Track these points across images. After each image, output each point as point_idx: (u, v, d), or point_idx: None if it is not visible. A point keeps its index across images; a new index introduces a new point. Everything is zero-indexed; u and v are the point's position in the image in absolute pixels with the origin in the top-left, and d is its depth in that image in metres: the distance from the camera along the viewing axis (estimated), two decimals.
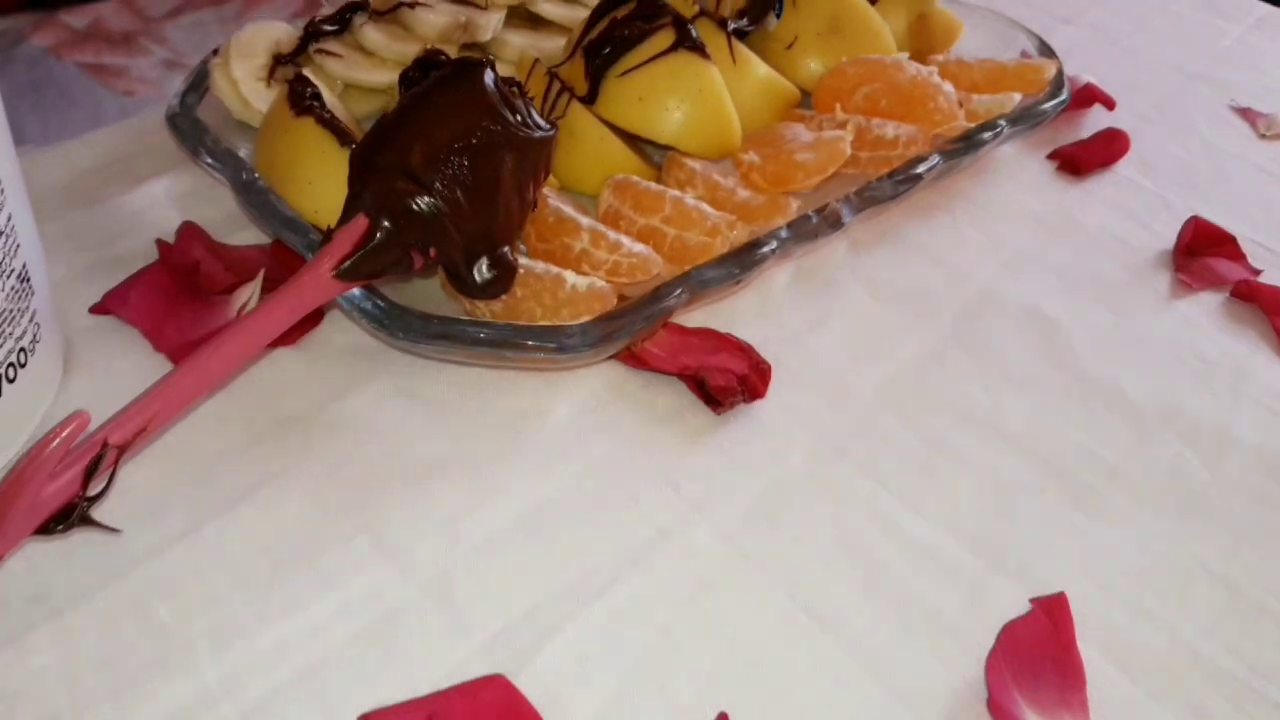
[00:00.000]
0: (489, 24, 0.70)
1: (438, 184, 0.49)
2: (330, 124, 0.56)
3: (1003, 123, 0.69)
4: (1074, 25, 0.93)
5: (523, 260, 0.53)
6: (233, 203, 0.61)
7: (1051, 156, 0.75)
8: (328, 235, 0.50)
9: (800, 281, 0.62)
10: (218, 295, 0.55)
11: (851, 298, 0.62)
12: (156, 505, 0.47)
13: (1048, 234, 0.69)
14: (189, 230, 0.59)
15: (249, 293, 0.55)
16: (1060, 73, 0.73)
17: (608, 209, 0.60)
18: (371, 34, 0.67)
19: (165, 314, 0.54)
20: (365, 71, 0.67)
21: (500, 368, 0.54)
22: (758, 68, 0.69)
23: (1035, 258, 0.66)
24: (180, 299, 0.55)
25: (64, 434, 0.42)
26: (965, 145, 0.67)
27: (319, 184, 0.56)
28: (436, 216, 0.49)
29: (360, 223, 0.49)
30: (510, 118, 0.51)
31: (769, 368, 0.55)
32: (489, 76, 0.52)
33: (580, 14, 0.75)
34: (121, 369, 0.53)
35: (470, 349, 0.50)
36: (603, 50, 0.64)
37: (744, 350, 0.56)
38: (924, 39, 0.76)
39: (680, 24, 0.63)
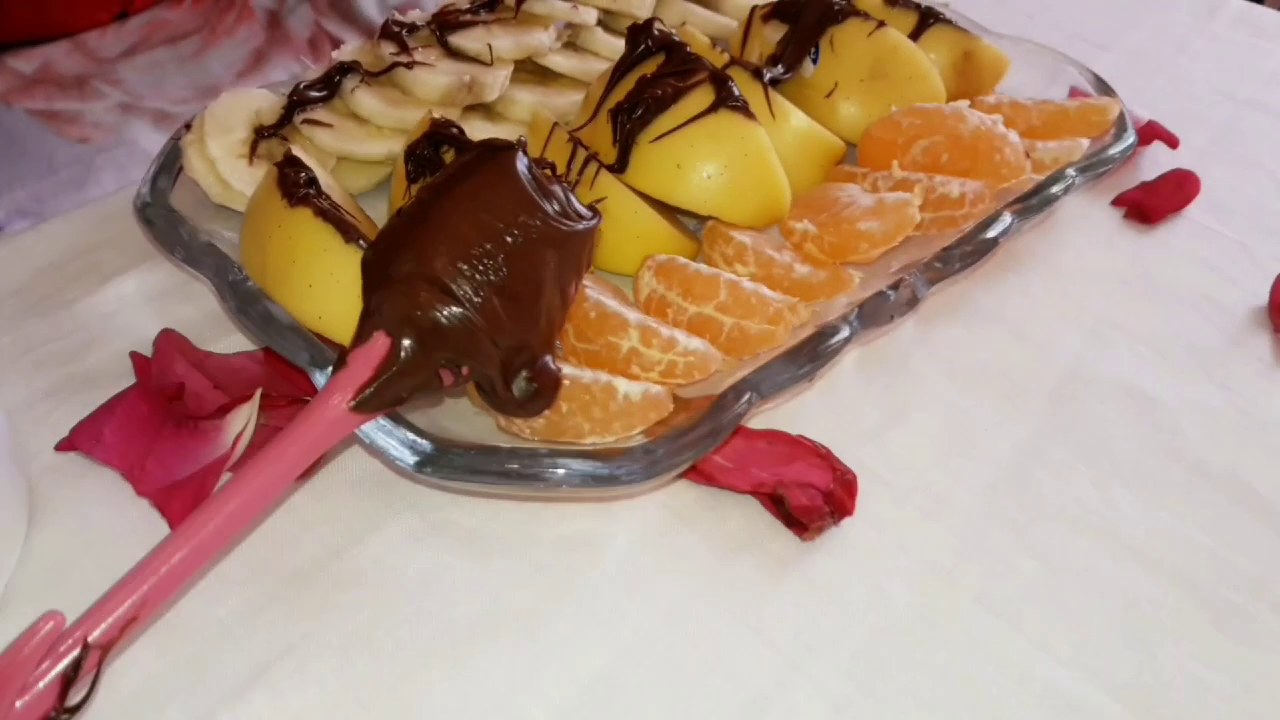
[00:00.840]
0: (495, 82, 0.62)
1: (469, 292, 0.41)
2: (331, 215, 0.48)
3: (1072, 173, 0.62)
4: (1112, 51, 0.87)
5: (566, 369, 0.46)
6: (215, 300, 0.53)
7: (1117, 203, 0.69)
8: (341, 358, 0.42)
9: (869, 365, 0.55)
10: (207, 421, 0.47)
11: (929, 383, 0.55)
12: (150, 701, 0.39)
13: (1128, 294, 0.62)
14: (168, 340, 0.51)
15: (244, 418, 0.47)
16: (1123, 113, 0.67)
17: (651, 295, 0.52)
18: (365, 99, 0.59)
19: (146, 449, 0.46)
20: (360, 143, 0.59)
21: (547, 500, 0.47)
22: (798, 120, 0.62)
23: (1120, 324, 0.60)
24: (163, 430, 0.47)
25: (34, 641, 0.34)
26: (1037, 201, 0.60)
27: (322, 287, 0.48)
28: (469, 330, 0.42)
29: (380, 343, 0.41)
30: (548, 208, 0.44)
31: (854, 478, 0.48)
32: (522, 161, 0.44)
33: (593, 66, 0.68)
34: (98, 520, 0.44)
35: (513, 485, 0.42)
36: (633, 112, 0.56)
37: (823, 457, 0.48)
38: (970, 78, 0.69)
39: (719, 80, 0.56)
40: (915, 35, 0.69)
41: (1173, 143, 0.74)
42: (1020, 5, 0.92)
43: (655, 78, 0.57)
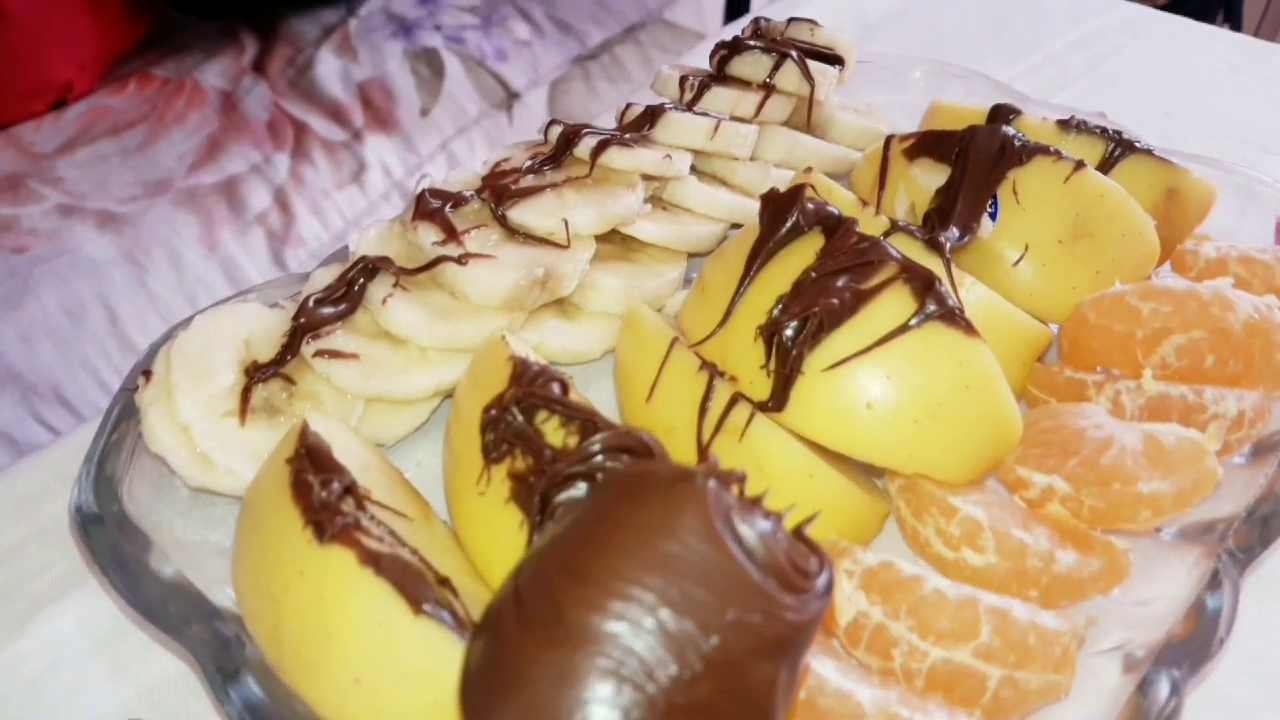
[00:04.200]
0: (575, 270, 0.45)
1: None
2: (388, 563, 0.31)
3: None
4: (1277, 155, 0.72)
5: None
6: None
7: None
8: None
9: None
10: None
11: (1253, 715, 0.38)
12: None
13: None
14: None
15: None
16: None
17: (860, 621, 0.35)
18: (402, 313, 0.42)
19: None
20: (398, 376, 0.42)
21: None
22: (995, 305, 0.45)
23: None
24: None
25: None
26: None
27: (374, 682, 0.30)
28: None
29: None
30: (762, 578, 0.26)
31: None
32: (720, 500, 0.27)
33: (690, 231, 0.51)
34: None
35: None
36: (799, 329, 0.39)
37: None
38: (1174, 221, 0.53)
39: (919, 278, 0.39)
40: (1106, 168, 0.53)
41: None
42: (1156, 102, 0.76)
43: (823, 275, 0.40)
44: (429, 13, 1.78)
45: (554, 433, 0.35)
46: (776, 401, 0.39)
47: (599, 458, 0.33)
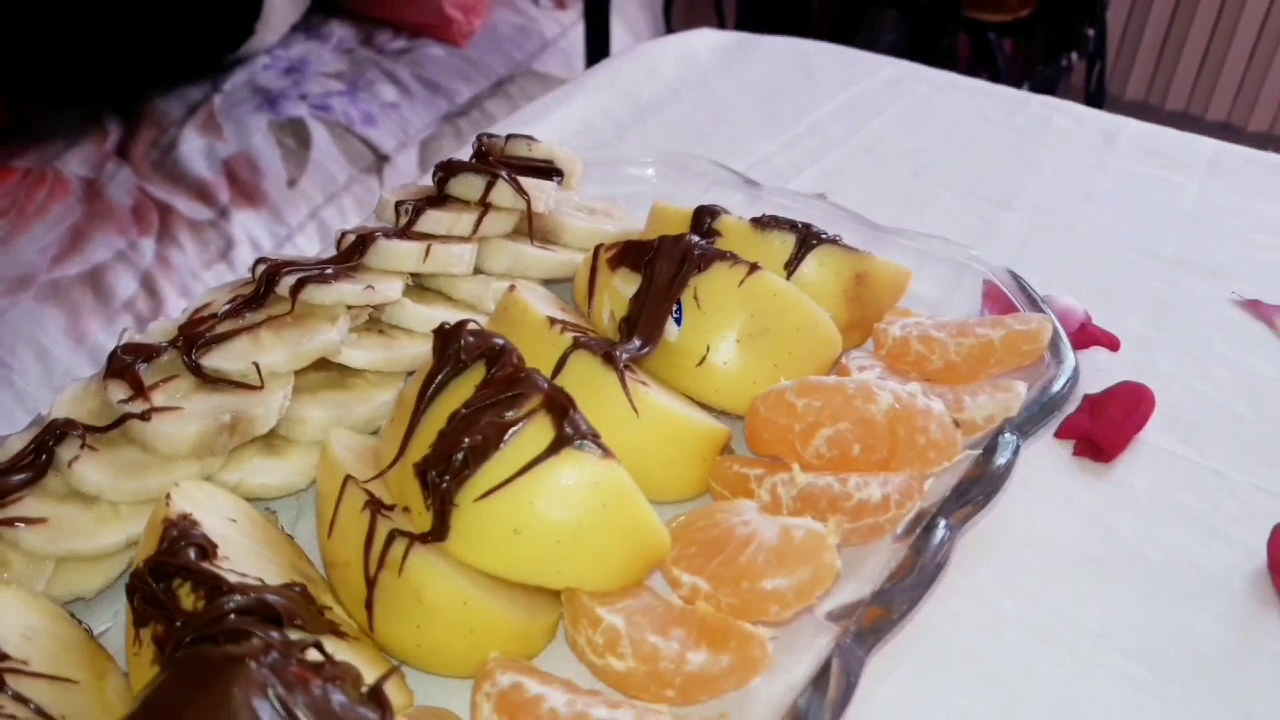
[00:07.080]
0: (269, 411, 0.48)
1: None
2: None
3: (1012, 438, 0.50)
4: (1014, 210, 0.76)
5: None
6: None
7: (1062, 433, 0.57)
8: None
9: None
10: None
11: None
12: None
13: (1104, 583, 0.49)
14: None
15: None
16: (1058, 334, 0.55)
17: None
18: (88, 473, 0.44)
19: None
20: (88, 535, 0.44)
21: None
22: (670, 413, 0.49)
23: (1104, 633, 0.47)
24: None
25: None
26: (979, 493, 0.47)
27: None
28: None
29: None
30: None
31: None
32: (260, 679, 0.30)
33: (403, 353, 0.54)
34: None
35: None
36: (448, 462, 0.42)
37: None
38: (867, 302, 0.57)
39: (557, 407, 0.42)
40: (796, 261, 0.57)
41: (1113, 345, 0.62)
42: (905, 164, 0.81)
43: (473, 409, 0.43)
44: (294, 82, 1.80)
45: (187, 597, 0.37)
46: (436, 533, 0.42)
47: (228, 618, 0.36)
